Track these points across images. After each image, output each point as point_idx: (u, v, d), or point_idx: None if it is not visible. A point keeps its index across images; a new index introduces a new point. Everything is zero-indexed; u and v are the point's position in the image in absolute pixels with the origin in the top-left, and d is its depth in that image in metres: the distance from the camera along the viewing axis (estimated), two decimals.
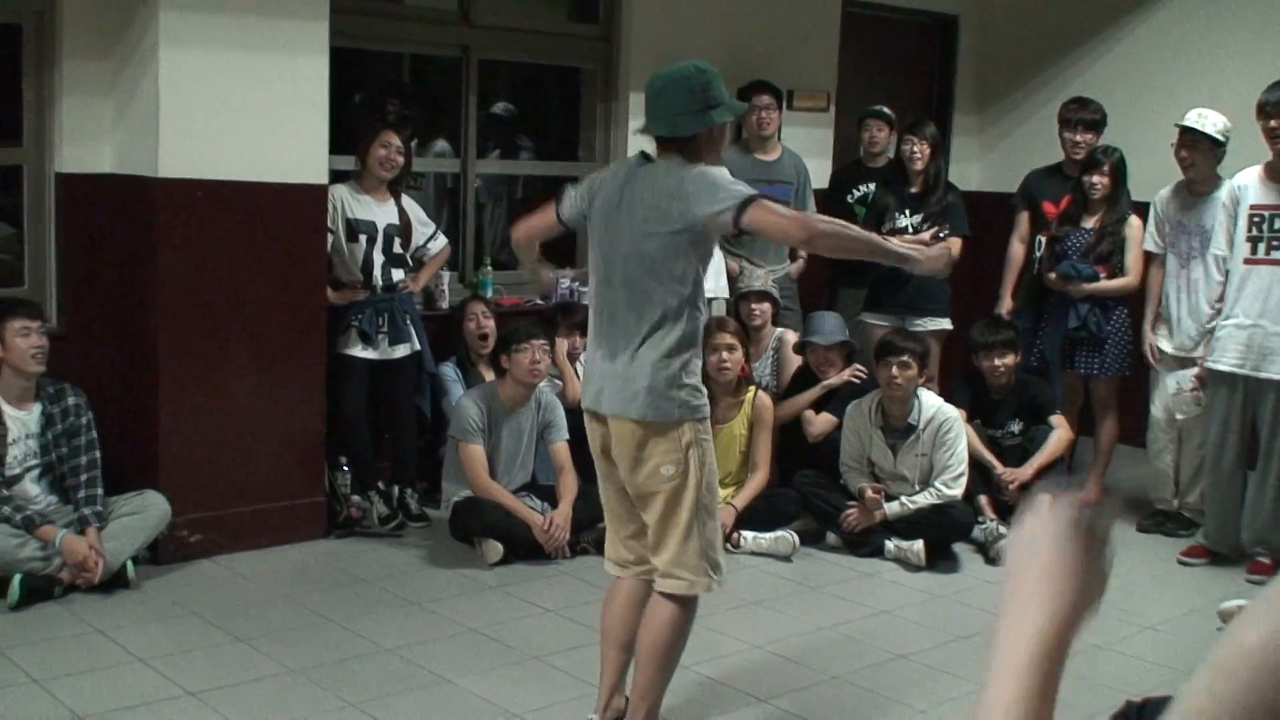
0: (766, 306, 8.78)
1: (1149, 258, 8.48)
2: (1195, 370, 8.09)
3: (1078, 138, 9.08)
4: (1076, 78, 10.90)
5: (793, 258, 9.60)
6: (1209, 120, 8.04)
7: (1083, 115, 9.13)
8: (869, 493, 7.70)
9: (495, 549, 7.30)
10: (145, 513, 6.84)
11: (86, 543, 6.49)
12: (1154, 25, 10.58)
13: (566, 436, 7.65)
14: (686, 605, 4.96)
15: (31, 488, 6.69)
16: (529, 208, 5.75)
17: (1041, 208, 9.23)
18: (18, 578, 6.32)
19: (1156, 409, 8.48)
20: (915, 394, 7.80)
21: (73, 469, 6.76)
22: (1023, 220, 9.35)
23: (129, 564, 6.71)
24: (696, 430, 4.85)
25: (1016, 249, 9.35)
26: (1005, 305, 9.31)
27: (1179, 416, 8.36)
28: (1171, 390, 8.34)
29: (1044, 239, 9.06)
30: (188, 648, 6.00)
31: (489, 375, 8.13)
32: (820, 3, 10.41)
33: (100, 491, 6.76)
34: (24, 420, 6.69)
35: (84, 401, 6.87)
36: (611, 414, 4.89)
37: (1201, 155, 8.07)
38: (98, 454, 6.85)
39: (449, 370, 8.35)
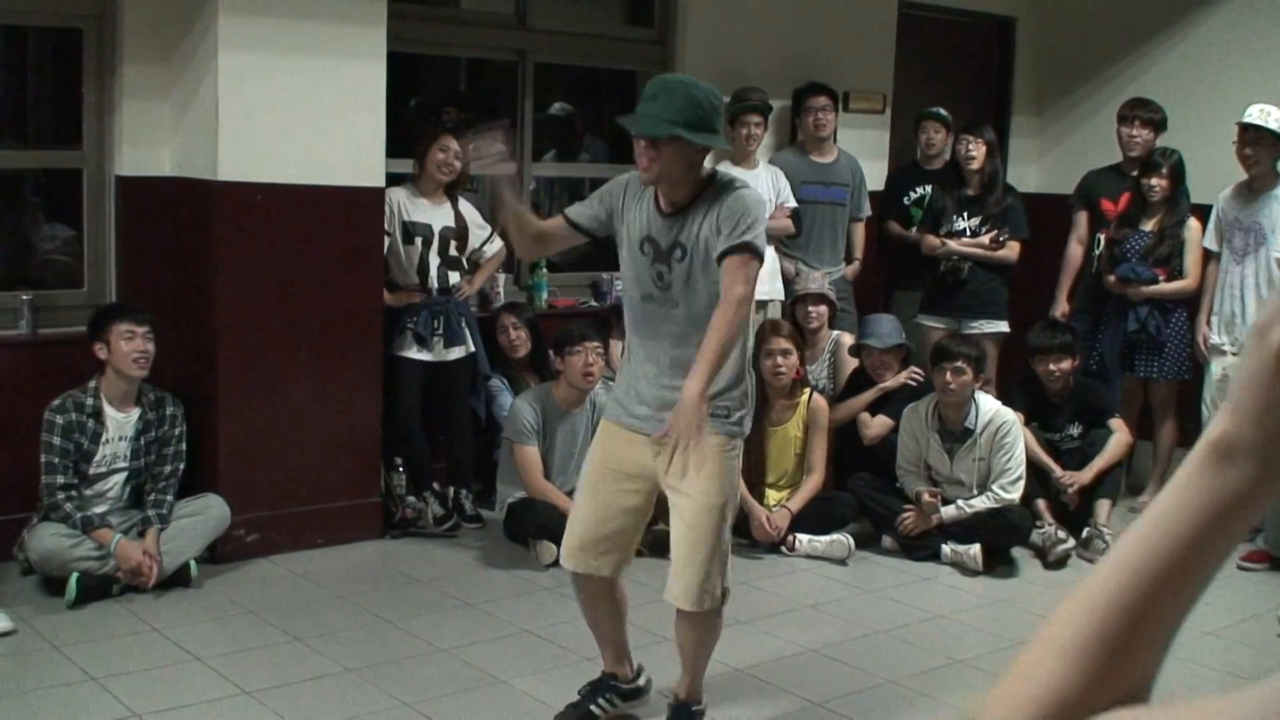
0: (823, 309, 8.75)
1: (1207, 256, 8.45)
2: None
3: (1134, 132, 9.02)
4: (1135, 79, 10.82)
5: (848, 260, 9.59)
6: (1272, 116, 8.00)
7: (1140, 113, 9.08)
8: (925, 497, 7.67)
9: (550, 550, 7.28)
10: (204, 515, 6.88)
11: (140, 548, 6.53)
12: (1213, 26, 10.49)
13: None
14: None
15: (112, 489, 6.77)
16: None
17: (1100, 206, 9.18)
18: (75, 576, 6.36)
19: (1208, 410, 8.43)
20: (972, 398, 7.76)
21: (154, 476, 6.83)
22: (1081, 221, 9.31)
23: (192, 563, 6.77)
24: None
25: (1074, 250, 9.31)
26: (1061, 307, 9.28)
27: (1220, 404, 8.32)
28: (1216, 377, 8.29)
29: (1103, 238, 9.05)
30: (244, 647, 6.04)
31: (533, 382, 8.15)
32: (876, 4, 10.38)
33: (171, 498, 6.81)
34: (122, 422, 6.76)
35: (181, 414, 6.96)
36: None
37: (1264, 151, 8.05)
38: (181, 465, 6.93)
39: (495, 380, 8.34)
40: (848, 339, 8.79)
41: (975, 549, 7.57)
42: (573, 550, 5.17)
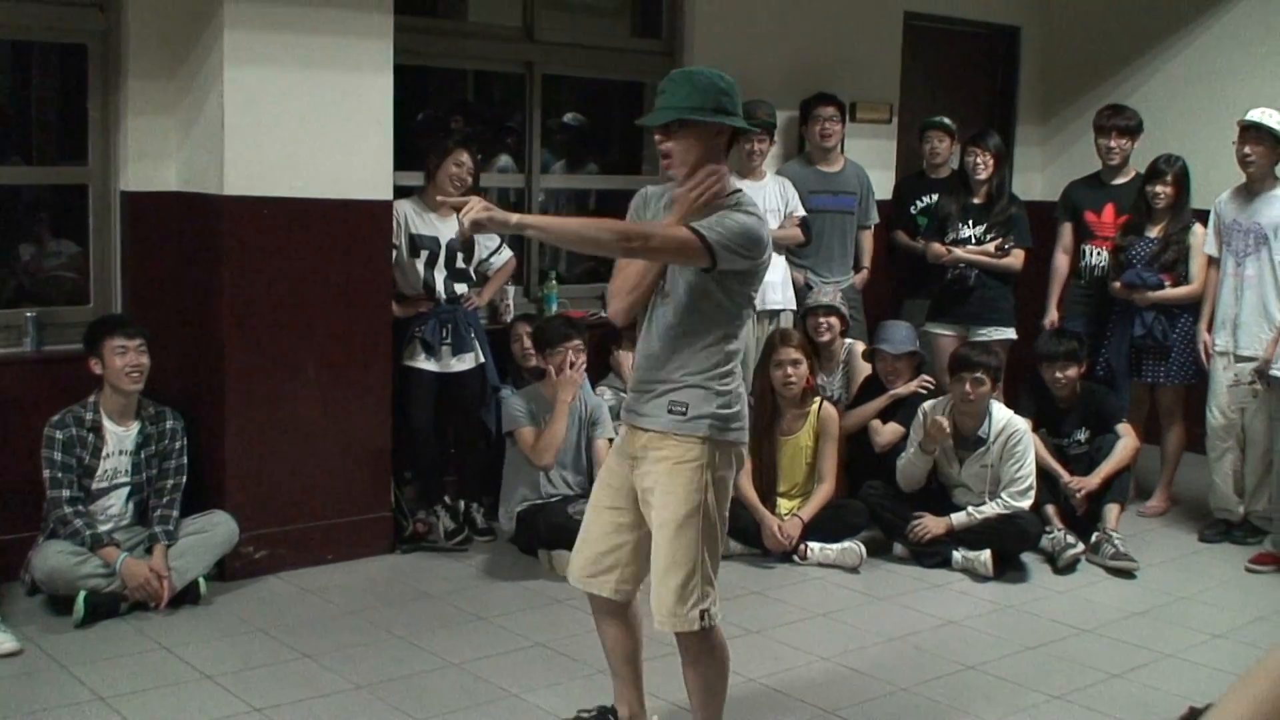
0: (834, 320, 8.73)
1: (1210, 262, 8.47)
2: (1254, 364, 8.07)
3: (1112, 143, 9.21)
4: (1138, 87, 10.86)
5: (856, 268, 9.60)
6: (1272, 117, 8.04)
7: (1117, 121, 9.23)
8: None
9: (568, 560, 7.24)
10: (212, 532, 6.87)
11: (147, 565, 6.53)
12: (1215, 33, 10.54)
13: (610, 434, 7.62)
14: None
15: (115, 505, 6.76)
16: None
17: (1084, 217, 9.30)
18: (82, 595, 6.34)
19: (1213, 415, 8.44)
20: (987, 407, 7.77)
21: (157, 491, 6.83)
22: (1066, 231, 9.45)
23: (201, 580, 6.76)
24: None
25: (1060, 260, 9.47)
26: (1050, 315, 9.39)
27: (1231, 410, 8.32)
28: (1228, 382, 8.29)
29: (1092, 247, 9.23)
30: (254, 664, 6.01)
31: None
32: (882, 15, 10.40)
33: (176, 514, 6.81)
34: (121, 436, 6.76)
35: (181, 428, 6.96)
36: None
37: (1264, 151, 8.08)
38: (184, 479, 6.92)
39: (508, 392, 8.33)
40: (861, 347, 8.79)
41: (986, 555, 7.56)
42: (575, 567, 5.07)
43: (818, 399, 8.00)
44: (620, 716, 5.26)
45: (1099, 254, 9.22)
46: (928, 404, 8.01)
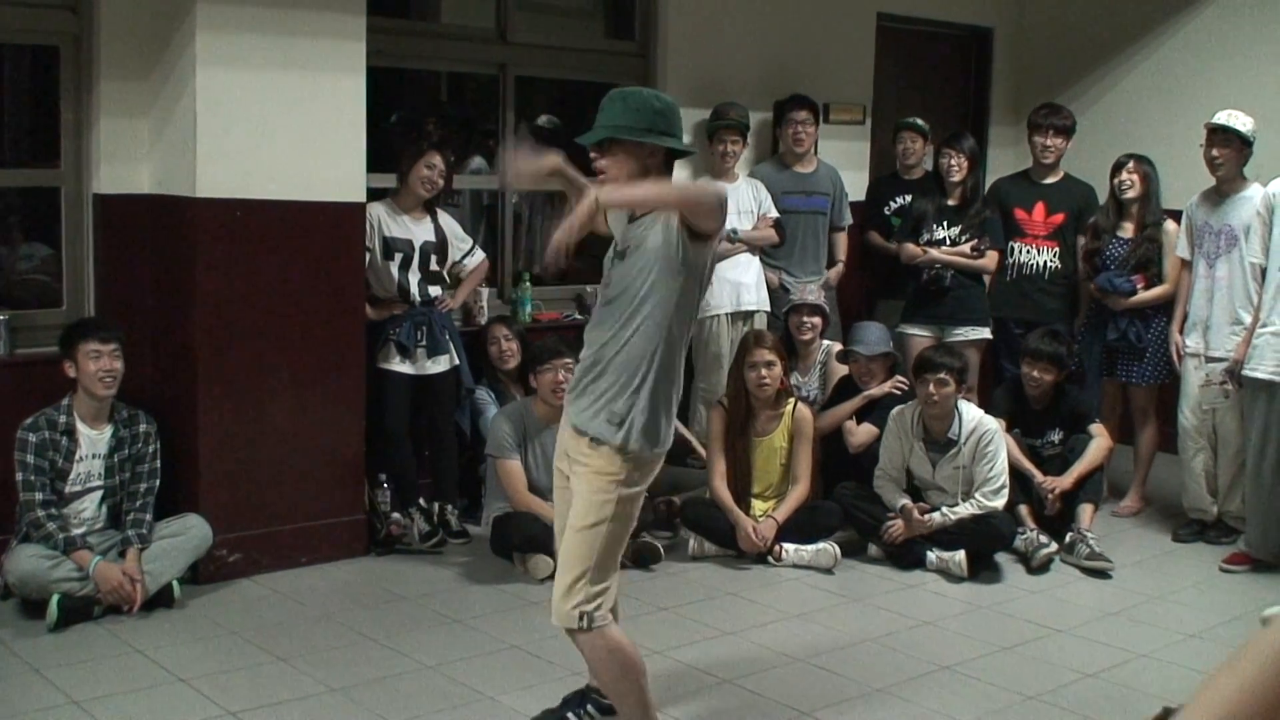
0: (818, 320, 8.75)
1: (1182, 264, 8.49)
2: (1225, 364, 8.08)
3: (1048, 141, 9.30)
4: (1111, 88, 10.89)
5: (830, 264, 9.59)
6: (1239, 119, 8.06)
7: (1054, 120, 9.32)
8: (915, 515, 7.67)
9: (545, 564, 7.20)
10: (186, 535, 6.84)
11: (120, 570, 6.50)
12: (1187, 34, 10.56)
13: None
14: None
15: (88, 508, 6.73)
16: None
17: (1013, 214, 9.33)
18: (56, 599, 6.32)
19: (1185, 416, 8.46)
20: (956, 408, 7.77)
21: (130, 494, 6.81)
22: None
23: (175, 584, 6.73)
24: None
25: None
26: None
27: (1203, 410, 8.34)
28: (1200, 382, 8.31)
29: (1020, 244, 9.29)
30: (228, 667, 5.99)
31: (520, 394, 8.16)
32: (855, 17, 10.41)
33: (149, 517, 6.79)
34: (95, 440, 6.74)
35: (154, 431, 6.94)
36: None
37: (1232, 153, 8.10)
38: (157, 483, 6.91)
39: (483, 393, 8.34)
40: (837, 348, 8.79)
41: (960, 555, 7.56)
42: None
43: (792, 400, 8.00)
44: (602, 692, 5.32)
45: (1027, 251, 9.29)
46: (897, 409, 8.02)
